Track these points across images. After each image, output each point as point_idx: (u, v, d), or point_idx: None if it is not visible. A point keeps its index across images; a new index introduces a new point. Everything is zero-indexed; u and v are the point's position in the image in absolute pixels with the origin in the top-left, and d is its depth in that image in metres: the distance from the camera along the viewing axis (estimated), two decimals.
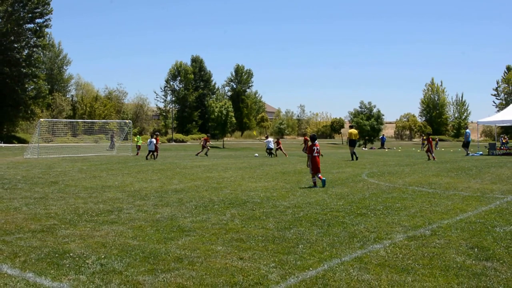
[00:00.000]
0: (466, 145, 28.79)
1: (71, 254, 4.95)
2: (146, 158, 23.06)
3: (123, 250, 5.15)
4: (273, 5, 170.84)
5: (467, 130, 29.94)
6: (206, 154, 27.00)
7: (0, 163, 19.26)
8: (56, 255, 4.94)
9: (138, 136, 31.55)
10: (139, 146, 29.33)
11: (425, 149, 23.89)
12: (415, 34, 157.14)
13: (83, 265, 4.59)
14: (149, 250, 5.13)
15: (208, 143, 27.70)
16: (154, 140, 23.76)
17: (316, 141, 11.56)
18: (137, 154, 28.05)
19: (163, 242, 5.53)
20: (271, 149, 26.70)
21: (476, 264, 4.66)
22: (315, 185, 11.01)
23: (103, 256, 4.88)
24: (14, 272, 4.40)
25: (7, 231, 6.06)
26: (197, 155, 26.86)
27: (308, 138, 12.13)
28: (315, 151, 11.24)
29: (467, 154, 27.88)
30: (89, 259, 4.77)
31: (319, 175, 11.08)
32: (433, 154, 22.60)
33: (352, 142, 22.58)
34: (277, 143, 27.93)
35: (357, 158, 21.69)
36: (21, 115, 46.59)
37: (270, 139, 27.91)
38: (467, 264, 4.67)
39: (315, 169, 11.13)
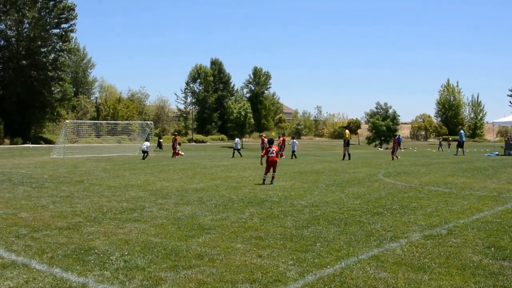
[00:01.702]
0: (461, 145, 28.03)
1: (95, 251, 5.13)
2: (143, 159, 22.95)
3: (146, 247, 5.31)
4: (291, 8, 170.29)
5: (461, 131, 29.18)
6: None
7: (28, 163, 19.92)
8: (82, 251, 5.13)
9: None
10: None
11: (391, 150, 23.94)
12: (432, 36, 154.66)
13: (107, 261, 4.75)
14: (170, 247, 5.28)
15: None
16: (147, 143, 24.71)
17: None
18: (178, 154, 28.24)
19: (184, 239, 5.68)
20: (238, 149, 26.67)
21: (493, 264, 4.64)
22: (263, 182, 11.75)
23: (126, 253, 5.04)
24: (42, 267, 4.58)
25: (35, 228, 6.32)
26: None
27: (265, 139, 13.18)
28: (270, 152, 12.15)
29: (462, 154, 27.19)
30: (113, 256, 4.93)
31: (274, 175, 11.99)
32: (395, 154, 22.54)
33: (347, 142, 22.77)
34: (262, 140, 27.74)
35: (343, 159, 21.95)
36: (47, 116, 47.93)
37: (238, 139, 27.72)
38: (484, 263, 4.66)
39: (267, 168, 11.96)
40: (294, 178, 13.23)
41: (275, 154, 12.24)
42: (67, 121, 30.75)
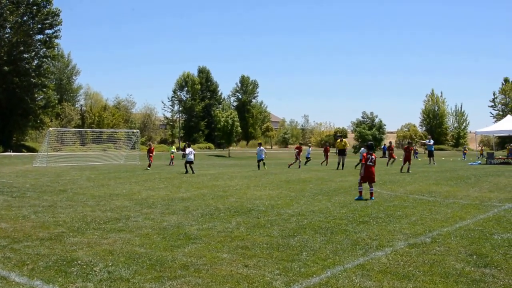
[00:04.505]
0: (431, 154, 28.16)
1: (78, 262, 5.03)
2: (186, 171, 19.07)
3: (130, 257, 5.25)
4: (279, 16, 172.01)
5: (428, 141, 29.26)
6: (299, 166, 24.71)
7: (10, 171, 19.52)
8: (64, 262, 5.03)
9: (172, 146, 30.74)
10: (173, 156, 28.33)
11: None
12: (416, 46, 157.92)
13: (90, 272, 4.67)
14: (156, 258, 5.22)
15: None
16: (193, 150, 20.31)
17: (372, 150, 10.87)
18: (170, 163, 27.03)
19: (170, 249, 5.63)
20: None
21: (475, 271, 4.73)
22: (360, 195, 10.35)
23: (110, 264, 4.97)
24: (22, 280, 4.47)
25: (16, 239, 6.17)
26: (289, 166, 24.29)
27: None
28: (370, 160, 10.57)
29: (433, 163, 27.30)
30: (96, 267, 4.85)
31: (371, 190, 10.41)
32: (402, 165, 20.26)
33: (341, 151, 22.93)
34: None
35: (338, 168, 22.03)
36: (30, 124, 47.09)
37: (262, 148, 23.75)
38: (466, 270, 4.74)
39: (364, 178, 10.50)
40: (281, 187, 13.25)
41: (373, 164, 10.60)
42: (50, 129, 30.33)
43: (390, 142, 24.93)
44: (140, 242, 6.02)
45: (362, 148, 24.23)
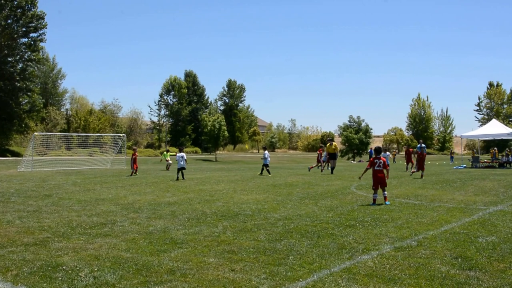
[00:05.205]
0: None
1: (64, 267, 4.97)
2: (177, 179, 17.71)
3: (116, 262, 5.20)
4: (268, 20, 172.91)
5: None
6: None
7: None
8: (49, 268, 4.96)
9: (165, 153, 29.93)
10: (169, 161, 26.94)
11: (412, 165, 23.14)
12: (403, 50, 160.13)
13: (76, 278, 4.61)
14: (142, 263, 5.18)
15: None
16: (184, 155, 18.61)
17: (382, 154, 10.30)
18: (167, 169, 26.05)
19: (156, 254, 5.59)
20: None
21: (460, 274, 4.80)
22: (374, 202, 10.02)
23: (96, 269, 4.92)
24: (5, 286, 4.40)
25: (0, 245, 6.06)
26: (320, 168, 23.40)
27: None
28: (377, 164, 10.12)
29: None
30: (82, 272, 4.80)
31: (385, 194, 10.11)
32: (412, 167, 20.77)
33: (332, 155, 22.50)
34: None
35: (332, 172, 21.50)
36: (15, 128, 46.39)
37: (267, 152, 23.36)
38: (451, 273, 4.80)
39: (375, 185, 10.09)
40: (268, 191, 13.26)
41: (382, 167, 10.10)
42: (35, 133, 29.86)
43: (408, 146, 24.98)
44: (126, 247, 5.96)
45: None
